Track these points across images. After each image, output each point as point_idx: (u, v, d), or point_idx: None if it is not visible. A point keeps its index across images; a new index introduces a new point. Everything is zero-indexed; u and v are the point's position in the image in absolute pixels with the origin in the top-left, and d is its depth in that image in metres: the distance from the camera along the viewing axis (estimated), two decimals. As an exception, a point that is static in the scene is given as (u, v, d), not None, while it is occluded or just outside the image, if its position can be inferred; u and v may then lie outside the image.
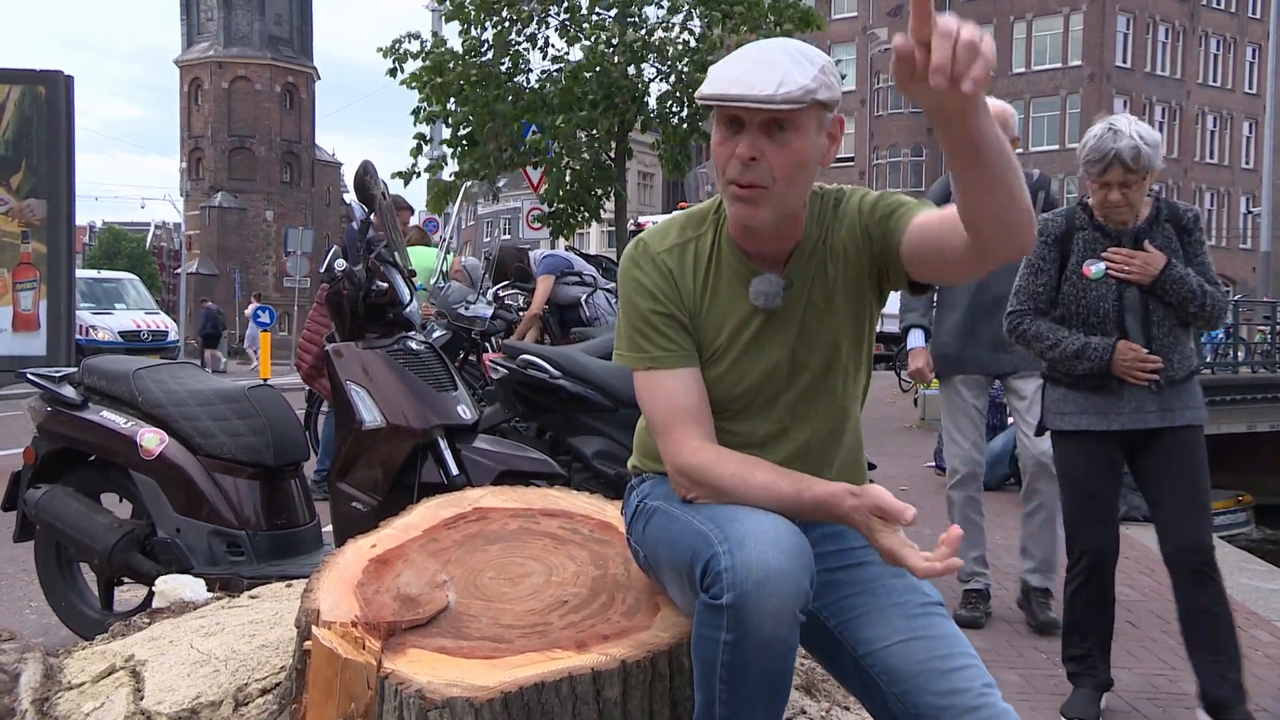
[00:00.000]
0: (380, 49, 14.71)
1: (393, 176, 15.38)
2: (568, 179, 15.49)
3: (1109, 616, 3.34)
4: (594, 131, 14.65)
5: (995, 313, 4.03)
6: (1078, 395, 3.28)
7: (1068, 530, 3.36)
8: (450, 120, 15.09)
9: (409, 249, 4.96)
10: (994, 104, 1.31)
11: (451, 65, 14.52)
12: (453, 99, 14.73)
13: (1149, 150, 3.10)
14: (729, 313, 1.89)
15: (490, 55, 15.12)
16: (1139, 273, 3.19)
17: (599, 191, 15.55)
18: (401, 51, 14.76)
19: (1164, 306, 3.20)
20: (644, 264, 1.90)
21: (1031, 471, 4.25)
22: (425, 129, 15.36)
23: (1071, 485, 3.34)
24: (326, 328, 6.71)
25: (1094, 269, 3.25)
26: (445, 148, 15.64)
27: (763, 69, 1.71)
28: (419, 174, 15.36)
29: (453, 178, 15.77)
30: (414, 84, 14.70)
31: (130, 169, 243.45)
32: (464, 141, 15.21)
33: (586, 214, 15.79)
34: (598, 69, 13.95)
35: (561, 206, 15.66)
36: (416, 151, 15.25)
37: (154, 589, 3.05)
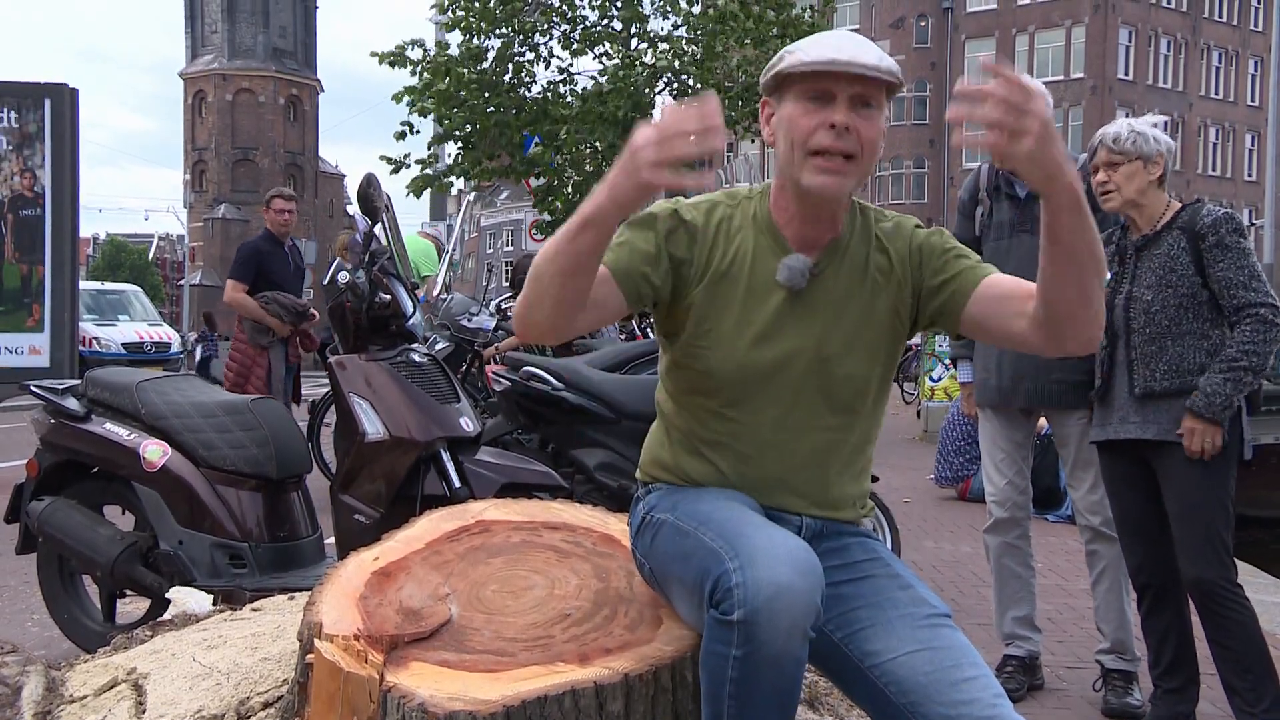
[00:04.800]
0: (375, 53, 14.63)
1: (379, 160, 15.34)
2: (569, 191, 15.50)
3: (1186, 646, 3.24)
4: (599, 144, 14.65)
5: None
6: (1097, 408, 3.31)
7: (1124, 557, 3.36)
8: (446, 124, 15.03)
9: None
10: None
11: (448, 74, 14.49)
12: (454, 108, 14.69)
13: (1134, 135, 3.12)
14: (754, 288, 1.89)
15: (493, 64, 15.13)
16: None
17: None
18: (403, 58, 14.73)
19: (1145, 314, 3.14)
20: (666, 211, 1.90)
21: (1087, 536, 3.64)
22: (416, 119, 15.19)
23: (1113, 510, 3.37)
24: (247, 350, 6.81)
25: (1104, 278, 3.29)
26: (443, 146, 15.58)
27: (859, 47, 1.80)
28: (408, 165, 15.30)
29: (444, 174, 15.72)
30: (410, 95, 14.65)
31: (136, 181, 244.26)
32: (459, 144, 15.20)
33: None
34: (622, 90, 13.86)
35: (560, 217, 15.68)
36: (401, 137, 15.12)
37: (168, 597, 3.06)
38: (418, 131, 15.32)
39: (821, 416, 1.90)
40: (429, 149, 15.67)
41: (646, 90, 14.34)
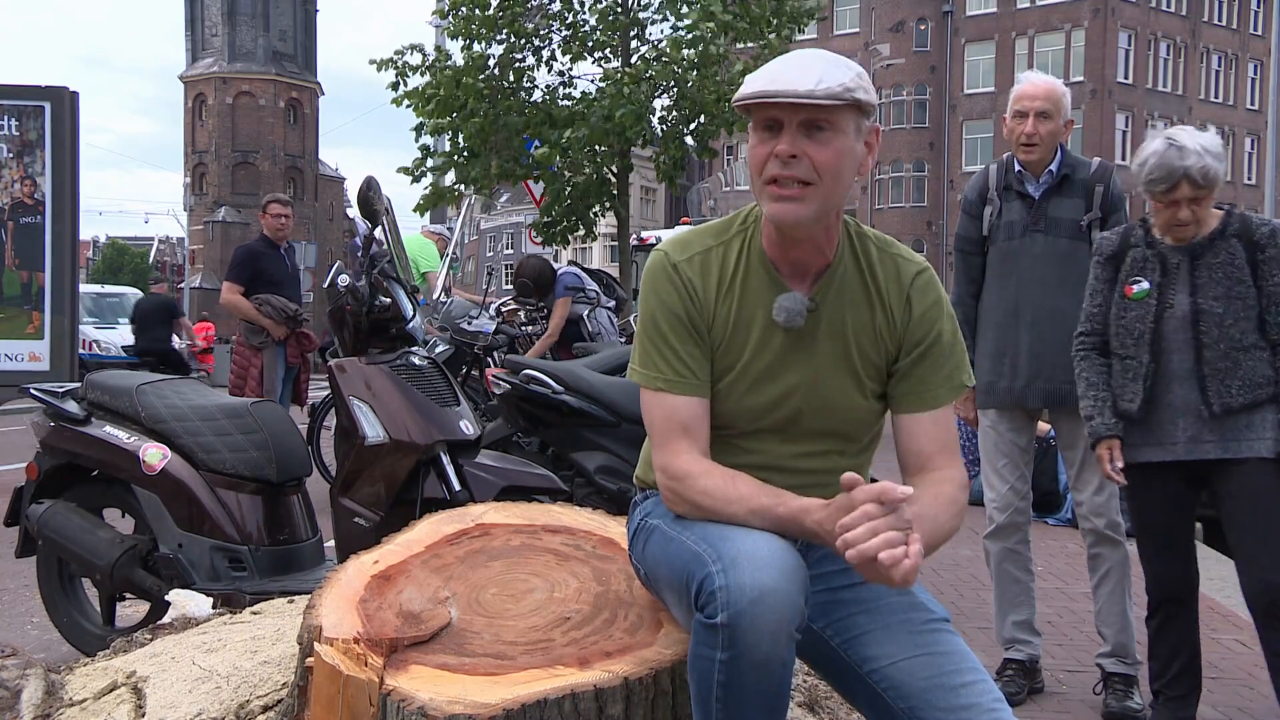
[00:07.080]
0: (373, 60, 14.71)
1: (398, 171, 15.51)
2: (567, 193, 15.52)
3: (1195, 658, 3.22)
4: (599, 147, 14.64)
5: (1025, 332, 3.56)
6: (1135, 425, 3.15)
7: (1144, 569, 3.27)
8: (454, 134, 15.11)
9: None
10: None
11: (455, 82, 14.51)
12: (455, 113, 14.73)
13: (1216, 165, 2.97)
14: (752, 328, 1.88)
15: (495, 70, 15.14)
16: None
17: (597, 206, 15.58)
18: (402, 65, 14.76)
19: (1219, 327, 3.02)
20: (664, 278, 1.90)
21: (1090, 539, 3.59)
22: (429, 140, 15.40)
23: (1139, 521, 3.26)
24: (244, 352, 6.90)
25: (1137, 288, 3.12)
26: (447, 159, 15.69)
27: (800, 69, 1.75)
28: (423, 173, 15.44)
29: (451, 184, 15.85)
30: (414, 100, 14.71)
31: (136, 184, 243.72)
32: (465, 153, 15.25)
33: (583, 227, 15.82)
34: (617, 95, 13.86)
35: (559, 218, 15.71)
36: (420, 163, 15.32)
37: (167, 600, 3.06)
38: (435, 152, 15.45)
39: (824, 441, 1.91)
40: (432, 163, 15.74)
41: (645, 98, 14.30)
